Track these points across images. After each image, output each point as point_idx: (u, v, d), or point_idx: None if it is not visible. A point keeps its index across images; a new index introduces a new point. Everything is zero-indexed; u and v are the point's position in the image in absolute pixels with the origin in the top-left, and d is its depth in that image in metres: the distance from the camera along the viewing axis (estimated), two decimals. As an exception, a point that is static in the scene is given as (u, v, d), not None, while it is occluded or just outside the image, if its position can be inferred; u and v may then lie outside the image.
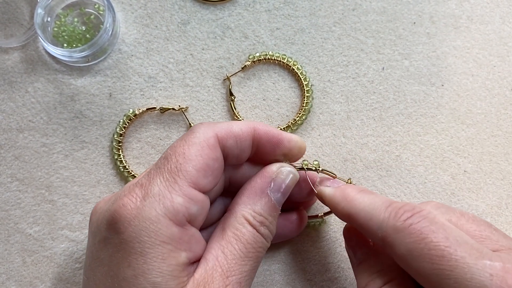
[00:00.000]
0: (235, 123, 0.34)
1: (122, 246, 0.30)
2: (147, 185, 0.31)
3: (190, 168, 0.31)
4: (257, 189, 0.34)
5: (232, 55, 0.43)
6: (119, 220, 0.30)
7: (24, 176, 0.42)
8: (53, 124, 0.42)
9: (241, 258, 0.32)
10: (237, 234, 0.32)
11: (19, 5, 0.44)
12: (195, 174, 0.31)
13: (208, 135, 0.32)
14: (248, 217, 0.33)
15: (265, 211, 0.33)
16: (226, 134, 0.33)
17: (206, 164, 0.31)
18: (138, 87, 0.43)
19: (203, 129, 0.33)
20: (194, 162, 0.31)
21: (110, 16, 0.41)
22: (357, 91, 0.43)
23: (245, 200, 0.33)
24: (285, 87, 0.43)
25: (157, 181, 0.31)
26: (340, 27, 0.44)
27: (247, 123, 0.35)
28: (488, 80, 0.43)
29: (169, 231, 0.30)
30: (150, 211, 0.30)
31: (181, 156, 0.31)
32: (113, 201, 0.31)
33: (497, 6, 0.44)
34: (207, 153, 0.32)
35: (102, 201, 0.34)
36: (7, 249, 0.41)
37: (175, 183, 0.30)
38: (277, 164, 0.35)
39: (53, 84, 0.43)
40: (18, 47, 0.43)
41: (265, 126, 0.35)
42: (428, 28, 0.44)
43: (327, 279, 0.41)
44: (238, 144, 0.34)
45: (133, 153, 0.43)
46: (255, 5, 0.44)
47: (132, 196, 0.31)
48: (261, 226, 0.33)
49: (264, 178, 0.34)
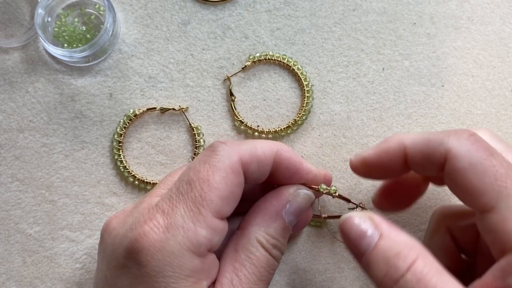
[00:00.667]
0: (259, 145, 0.33)
1: (144, 278, 0.29)
2: (170, 213, 0.30)
3: (214, 198, 0.30)
4: (272, 211, 0.33)
5: (233, 55, 0.43)
6: (141, 252, 0.29)
7: (25, 176, 0.42)
8: (53, 124, 0.42)
9: (255, 282, 0.31)
10: (250, 257, 0.32)
11: (19, 5, 0.44)
12: (219, 203, 0.30)
13: (233, 159, 0.31)
14: (262, 240, 0.32)
15: (278, 233, 0.33)
16: (250, 158, 0.32)
17: (230, 192, 0.30)
18: (138, 87, 0.43)
19: (228, 151, 0.31)
20: (219, 191, 0.30)
21: (111, 16, 0.41)
22: (357, 91, 0.43)
23: (259, 222, 0.33)
24: (286, 87, 0.43)
25: (181, 210, 0.30)
26: (341, 27, 0.44)
27: (271, 145, 0.33)
28: (488, 80, 0.43)
29: (192, 264, 0.29)
30: (174, 245, 0.29)
31: (206, 184, 0.30)
32: (132, 226, 0.30)
33: (498, 7, 0.44)
34: (231, 180, 0.31)
35: (115, 220, 0.33)
36: (8, 249, 0.41)
37: (199, 214, 0.29)
38: (294, 186, 0.34)
39: (54, 84, 0.43)
40: (18, 47, 0.43)
41: (287, 151, 0.34)
42: (429, 28, 0.44)
43: (327, 279, 0.41)
44: (260, 169, 0.33)
45: (133, 153, 0.43)
46: (256, 5, 0.44)
47: (154, 225, 0.29)
48: (274, 249, 0.33)
49: (280, 200, 0.34)
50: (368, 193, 0.42)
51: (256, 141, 0.33)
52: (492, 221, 0.28)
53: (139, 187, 0.42)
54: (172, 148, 0.43)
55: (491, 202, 0.28)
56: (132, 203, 0.34)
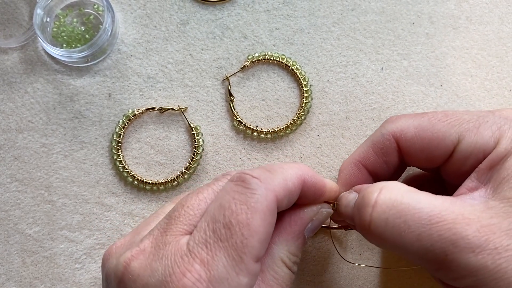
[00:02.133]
0: (288, 175, 0.32)
1: None
2: (211, 263, 0.28)
3: (255, 243, 0.28)
4: (296, 231, 0.33)
5: (231, 55, 0.43)
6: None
7: (24, 177, 0.42)
8: (52, 125, 0.42)
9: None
10: (276, 278, 0.32)
11: (18, 5, 0.44)
12: (259, 248, 0.29)
13: (270, 199, 0.29)
14: (285, 259, 0.32)
15: (299, 250, 0.33)
16: (283, 194, 0.31)
17: (268, 234, 0.29)
18: (137, 87, 0.43)
19: (264, 190, 0.30)
20: (258, 235, 0.29)
21: (109, 16, 0.41)
22: (356, 91, 0.43)
23: (283, 241, 0.33)
24: (284, 87, 0.43)
25: (223, 260, 0.28)
26: (339, 27, 0.44)
27: (297, 173, 0.32)
28: (487, 80, 0.43)
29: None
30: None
31: (246, 229, 0.28)
32: (166, 278, 0.28)
33: (496, 6, 0.44)
34: (269, 222, 0.29)
35: (136, 264, 0.30)
36: (7, 249, 0.41)
37: (241, 262, 0.28)
38: (318, 206, 0.34)
39: (53, 84, 0.43)
40: (17, 48, 0.43)
41: (312, 175, 0.33)
42: (427, 28, 0.44)
43: (327, 279, 0.41)
44: (290, 200, 0.32)
45: (133, 153, 0.43)
46: (254, 5, 0.44)
47: (196, 279, 0.28)
48: (295, 265, 0.33)
49: (304, 220, 0.34)
50: (367, 193, 0.42)
51: (284, 169, 0.32)
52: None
53: (138, 187, 0.42)
54: (171, 148, 0.43)
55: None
56: (147, 240, 0.32)
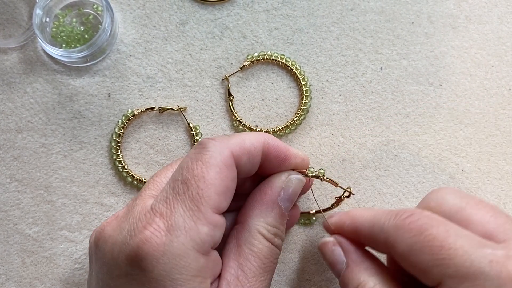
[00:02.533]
0: (247, 137, 0.33)
1: (152, 284, 0.29)
2: (169, 215, 0.29)
3: (212, 194, 0.30)
4: (268, 200, 0.34)
5: (231, 55, 0.43)
6: (145, 258, 0.29)
7: (23, 177, 0.42)
8: (51, 125, 0.42)
9: (260, 274, 0.32)
10: (254, 250, 0.32)
11: (17, 5, 0.44)
12: (217, 199, 0.30)
13: (225, 154, 0.31)
14: (263, 231, 0.33)
15: (277, 221, 0.33)
16: (240, 152, 0.32)
17: (226, 187, 0.31)
18: (136, 87, 0.43)
19: (218, 147, 0.31)
20: (215, 187, 0.30)
21: (109, 16, 0.41)
22: (355, 91, 0.43)
23: (257, 213, 0.33)
24: (284, 87, 0.43)
25: (180, 211, 0.29)
26: (339, 27, 0.44)
27: (258, 136, 0.34)
28: (486, 80, 0.43)
29: (197, 263, 0.29)
30: (178, 247, 0.29)
31: (201, 181, 0.30)
32: (131, 233, 0.30)
33: (495, 6, 0.44)
34: (226, 175, 0.31)
35: (109, 228, 0.32)
36: (7, 250, 0.41)
37: (198, 211, 0.29)
38: (285, 173, 0.35)
39: (52, 84, 0.43)
40: (16, 48, 0.43)
41: (274, 140, 0.34)
42: (426, 28, 0.44)
43: (326, 279, 0.41)
44: (251, 160, 0.33)
45: (132, 153, 0.43)
46: (254, 5, 0.44)
47: (155, 229, 0.29)
48: (275, 238, 0.33)
49: (274, 188, 0.34)
50: (366, 192, 0.42)
51: (242, 134, 0.34)
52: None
53: (138, 187, 0.42)
54: (171, 148, 0.43)
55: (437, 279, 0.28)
56: (122, 208, 0.34)
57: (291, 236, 0.42)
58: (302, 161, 0.36)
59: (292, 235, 0.42)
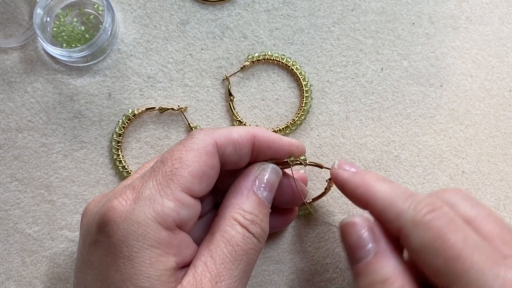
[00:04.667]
0: (235, 129, 0.34)
1: (111, 249, 0.29)
2: (140, 187, 0.30)
3: (185, 174, 0.30)
4: (242, 189, 0.33)
5: (231, 55, 0.43)
6: (109, 223, 0.29)
7: (24, 176, 0.42)
8: (52, 124, 0.42)
9: (231, 262, 0.31)
10: (225, 237, 0.31)
11: (18, 5, 0.44)
12: (190, 180, 0.30)
13: (207, 141, 0.32)
14: (238, 217, 0.32)
15: (254, 208, 0.33)
16: (225, 141, 0.33)
17: (202, 171, 0.31)
18: (137, 87, 0.43)
19: (203, 135, 0.32)
20: (190, 168, 0.30)
21: (109, 16, 0.41)
22: (356, 91, 0.43)
23: (233, 202, 0.33)
24: (284, 87, 0.43)
25: (150, 184, 0.30)
26: (339, 27, 0.44)
27: (247, 129, 0.34)
28: (486, 81, 0.43)
29: (157, 235, 0.29)
30: (139, 215, 0.29)
31: (178, 161, 0.31)
32: (104, 203, 0.31)
33: (496, 7, 0.44)
34: (204, 160, 0.31)
35: (92, 202, 0.34)
36: (7, 249, 0.41)
37: (167, 187, 0.30)
38: (259, 163, 0.35)
39: (52, 84, 0.43)
40: (17, 47, 0.43)
41: (264, 132, 0.35)
42: (427, 28, 0.44)
43: (326, 279, 0.41)
44: (237, 151, 0.33)
45: (132, 153, 0.43)
46: (254, 5, 0.44)
47: (123, 198, 0.30)
48: (252, 225, 0.32)
49: (247, 177, 0.34)
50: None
51: (232, 127, 0.34)
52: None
53: (138, 187, 0.42)
54: (171, 148, 0.43)
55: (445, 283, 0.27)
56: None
57: (290, 236, 0.42)
58: (297, 148, 0.36)
59: (291, 235, 0.42)
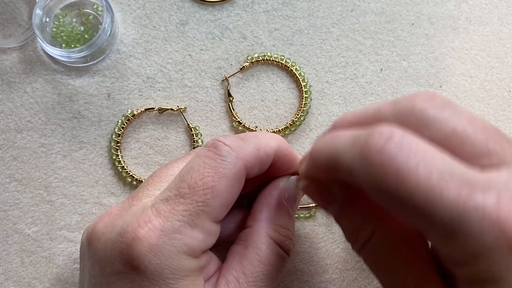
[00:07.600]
0: (262, 145, 0.32)
1: (143, 282, 0.29)
2: (168, 216, 0.29)
3: (217, 206, 0.29)
4: (275, 202, 0.34)
5: (231, 56, 0.43)
6: (138, 258, 0.29)
7: (22, 177, 0.42)
8: (51, 125, 0.42)
9: (261, 280, 0.31)
10: (259, 255, 0.31)
11: (17, 5, 0.44)
12: (220, 211, 0.30)
13: (238, 166, 0.30)
14: (273, 234, 0.32)
15: (286, 223, 0.33)
16: (253, 163, 0.31)
17: (231, 200, 0.30)
18: (136, 87, 0.43)
19: (234, 158, 0.30)
20: (222, 200, 0.30)
21: (109, 16, 0.41)
22: (355, 92, 0.43)
23: (266, 216, 0.33)
24: (283, 88, 0.43)
25: (179, 214, 0.29)
26: (339, 28, 0.44)
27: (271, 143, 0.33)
28: (486, 81, 0.43)
29: (189, 265, 0.29)
30: (170, 249, 0.29)
31: (209, 190, 0.29)
32: (124, 229, 0.30)
33: (496, 7, 0.44)
34: (235, 189, 0.30)
35: (101, 224, 0.32)
36: (6, 249, 0.41)
37: (198, 218, 0.29)
38: (287, 176, 0.35)
39: (52, 84, 0.43)
40: (16, 48, 0.43)
41: (286, 148, 0.34)
42: (427, 29, 0.44)
43: (325, 280, 0.41)
44: (261, 169, 0.33)
45: (132, 153, 0.43)
46: (254, 6, 0.44)
47: (149, 228, 0.29)
48: (287, 241, 0.33)
49: (279, 189, 0.34)
50: (366, 193, 0.42)
51: (258, 139, 0.32)
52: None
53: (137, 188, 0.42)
54: (170, 149, 0.43)
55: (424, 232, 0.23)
56: (116, 206, 0.34)
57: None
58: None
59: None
